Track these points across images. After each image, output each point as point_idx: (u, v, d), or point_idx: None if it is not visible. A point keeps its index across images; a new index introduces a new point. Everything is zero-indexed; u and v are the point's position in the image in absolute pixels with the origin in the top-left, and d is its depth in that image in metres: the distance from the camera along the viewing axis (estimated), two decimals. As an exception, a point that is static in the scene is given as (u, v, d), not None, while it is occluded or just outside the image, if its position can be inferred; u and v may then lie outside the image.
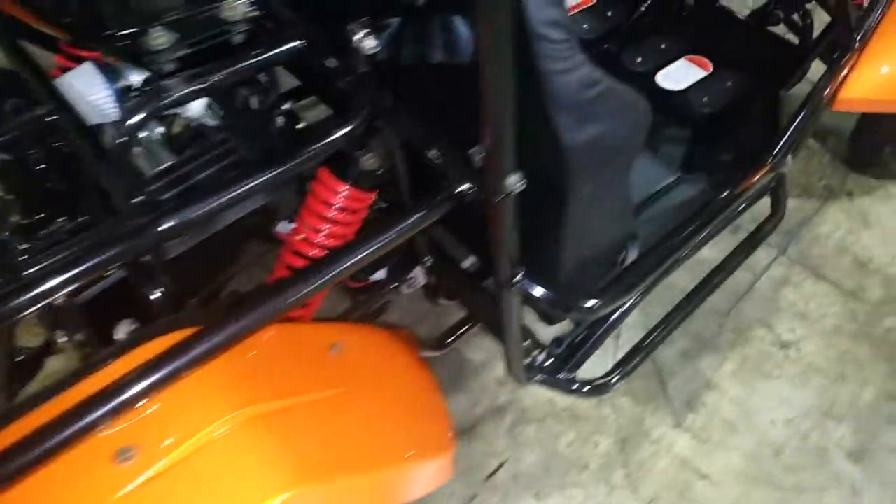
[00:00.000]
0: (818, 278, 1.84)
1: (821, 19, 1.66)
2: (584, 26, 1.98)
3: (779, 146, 1.41)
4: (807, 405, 1.61)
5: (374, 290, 1.25)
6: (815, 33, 1.73)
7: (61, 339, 1.17)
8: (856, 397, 1.63)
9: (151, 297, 1.00)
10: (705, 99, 1.81)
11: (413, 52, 0.93)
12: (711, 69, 1.88)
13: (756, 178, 1.40)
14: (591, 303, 1.03)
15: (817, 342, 1.71)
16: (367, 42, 0.88)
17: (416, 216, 0.83)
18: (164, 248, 1.05)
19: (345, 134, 0.83)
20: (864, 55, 1.51)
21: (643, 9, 1.99)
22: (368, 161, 0.95)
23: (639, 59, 1.90)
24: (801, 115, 1.46)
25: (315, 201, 0.97)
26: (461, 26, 0.94)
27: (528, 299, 0.98)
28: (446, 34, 0.99)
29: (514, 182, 0.78)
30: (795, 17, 1.85)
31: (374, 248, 0.83)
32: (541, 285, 0.98)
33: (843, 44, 1.52)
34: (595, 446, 1.55)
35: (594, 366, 1.47)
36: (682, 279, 1.63)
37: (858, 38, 1.50)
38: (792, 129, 1.43)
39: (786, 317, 1.76)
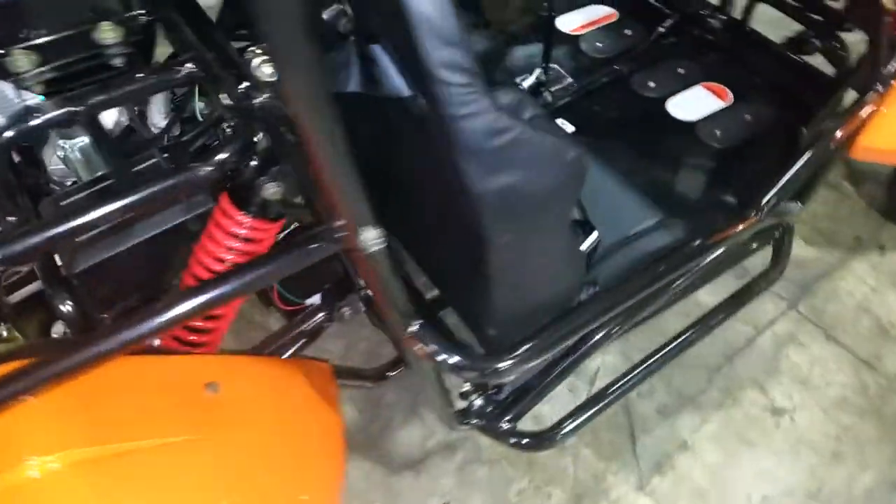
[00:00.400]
0: (829, 340, 1.67)
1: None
2: (598, 45, 1.87)
3: (769, 195, 1.26)
4: (791, 483, 1.46)
5: (307, 314, 1.20)
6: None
7: (5, 333, 1.18)
8: (851, 481, 1.46)
9: (62, 309, 0.98)
10: (717, 133, 1.66)
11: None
12: (730, 100, 1.74)
13: (739, 229, 1.26)
14: (501, 364, 0.93)
15: (816, 413, 1.55)
16: (265, 69, 0.82)
17: (290, 255, 0.77)
18: (71, 260, 1.04)
19: (216, 163, 0.77)
20: (891, 96, 1.34)
21: (662, 29, 1.86)
22: (270, 190, 0.89)
23: (651, 84, 1.78)
24: (803, 159, 1.29)
25: (212, 226, 0.92)
26: (382, 57, 0.88)
27: (429, 355, 0.90)
28: (367, 65, 0.92)
29: (372, 238, 0.70)
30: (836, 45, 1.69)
31: (239, 284, 0.77)
32: (438, 340, 0.89)
33: (868, 81, 1.35)
34: (547, 498, 1.45)
35: (563, 406, 1.37)
36: (675, 323, 1.51)
37: (887, 75, 1.33)
38: (788, 176, 1.27)
39: (784, 380, 1.60)
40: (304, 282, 1.25)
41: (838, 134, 1.32)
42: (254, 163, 0.88)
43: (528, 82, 1.72)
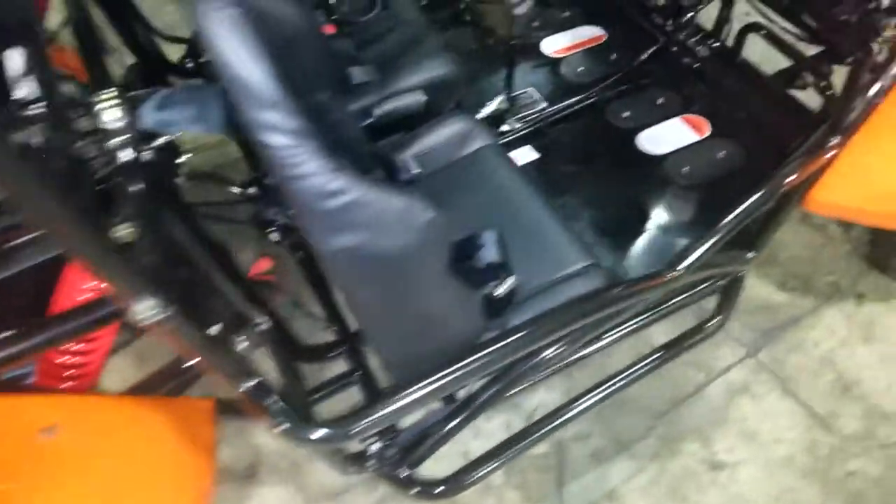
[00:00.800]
0: (786, 393, 1.57)
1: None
2: (579, 69, 1.80)
3: (694, 247, 1.17)
4: (718, 545, 1.39)
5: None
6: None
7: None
8: (784, 548, 1.38)
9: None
10: (685, 169, 1.58)
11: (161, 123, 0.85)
12: (707, 134, 1.64)
13: (666, 280, 1.17)
14: (318, 433, 0.88)
15: (758, 471, 1.47)
16: (111, 114, 0.81)
17: (86, 318, 0.75)
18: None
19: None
20: (848, 149, 1.23)
21: (644, 56, 1.77)
22: (119, 231, 0.87)
23: (626, 114, 1.70)
24: (745, 205, 1.19)
25: (66, 266, 0.91)
26: (212, 98, 0.85)
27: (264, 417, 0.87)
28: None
29: (146, 310, 0.67)
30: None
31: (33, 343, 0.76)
32: (272, 401, 0.86)
33: (829, 129, 1.24)
34: (462, 540, 1.41)
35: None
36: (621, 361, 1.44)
37: (844, 125, 1.22)
38: (723, 224, 1.17)
39: (730, 432, 1.52)
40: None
41: (790, 179, 1.23)
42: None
43: (488, 110, 1.66)
